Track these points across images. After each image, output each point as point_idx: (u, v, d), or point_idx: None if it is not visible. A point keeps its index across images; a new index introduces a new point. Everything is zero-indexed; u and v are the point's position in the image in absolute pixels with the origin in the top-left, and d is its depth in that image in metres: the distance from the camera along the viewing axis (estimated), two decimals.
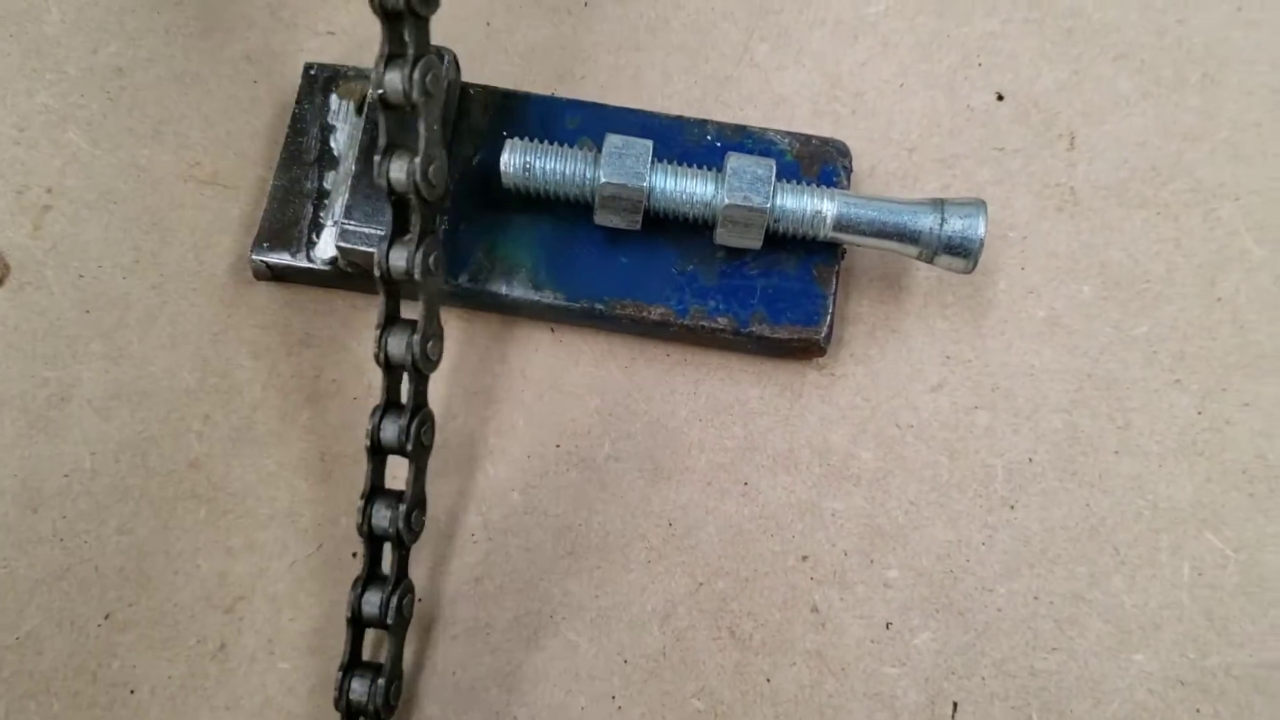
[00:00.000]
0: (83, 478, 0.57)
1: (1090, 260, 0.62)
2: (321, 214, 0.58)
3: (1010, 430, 0.59)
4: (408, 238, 0.51)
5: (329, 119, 0.60)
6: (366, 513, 0.52)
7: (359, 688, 0.52)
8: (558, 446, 0.59)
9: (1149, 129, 0.65)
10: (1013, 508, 0.58)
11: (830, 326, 0.58)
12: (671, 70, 0.65)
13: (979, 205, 0.56)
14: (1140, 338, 0.61)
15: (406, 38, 0.48)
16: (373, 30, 0.62)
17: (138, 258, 0.60)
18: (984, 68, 0.65)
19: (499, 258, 0.58)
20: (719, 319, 0.58)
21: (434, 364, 0.53)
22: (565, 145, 0.57)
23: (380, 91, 0.49)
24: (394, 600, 0.52)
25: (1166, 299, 0.61)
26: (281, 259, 0.58)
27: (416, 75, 0.48)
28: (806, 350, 0.59)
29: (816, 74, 0.65)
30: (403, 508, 0.52)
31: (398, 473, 0.53)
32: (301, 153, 0.59)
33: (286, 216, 0.58)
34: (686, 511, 0.58)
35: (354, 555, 0.57)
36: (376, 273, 0.52)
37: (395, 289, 0.52)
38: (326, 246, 0.58)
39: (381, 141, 0.50)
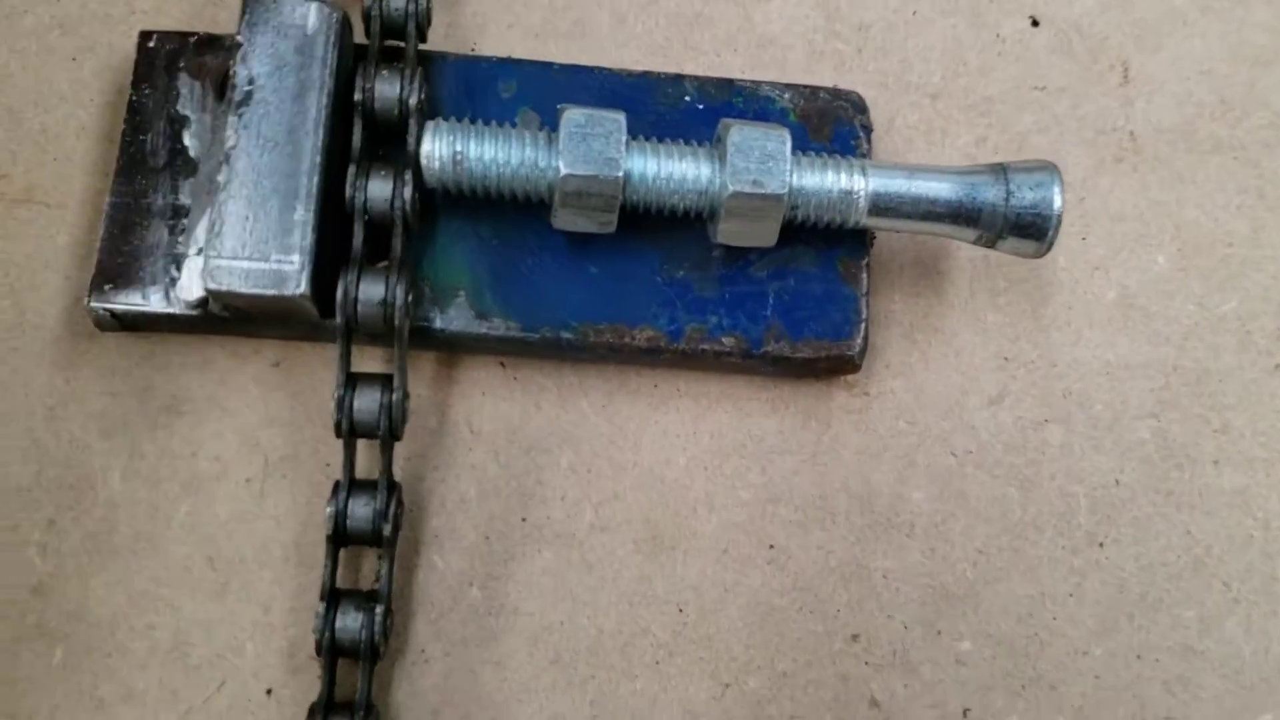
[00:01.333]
0: None
1: (1162, 222, 0.50)
2: (180, 238, 0.43)
3: (1090, 446, 0.47)
4: (382, 265, 0.41)
5: (178, 107, 0.44)
6: (329, 619, 0.39)
7: None
8: (524, 520, 0.45)
9: (1213, 53, 0.52)
10: (1102, 544, 0.46)
11: (865, 336, 0.45)
12: (624, 8, 0.50)
13: (1050, 171, 0.43)
14: (1229, 315, 0.49)
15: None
16: None
17: None
18: None
19: (427, 278, 0.44)
20: (724, 339, 0.44)
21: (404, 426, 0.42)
22: (504, 124, 0.43)
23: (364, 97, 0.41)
24: None
25: (1255, 264, 0.50)
26: (130, 303, 0.42)
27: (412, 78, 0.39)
28: (836, 368, 0.46)
29: (808, 4, 0.51)
30: (377, 611, 0.40)
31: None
32: (145, 156, 0.44)
33: (133, 245, 0.43)
34: (700, 591, 0.45)
35: (268, 693, 0.43)
36: (340, 318, 0.40)
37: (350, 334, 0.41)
38: (191, 283, 0.42)
39: (356, 150, 0.41)
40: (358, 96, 0.42)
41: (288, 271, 0.40)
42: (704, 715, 0.44)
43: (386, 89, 0.42)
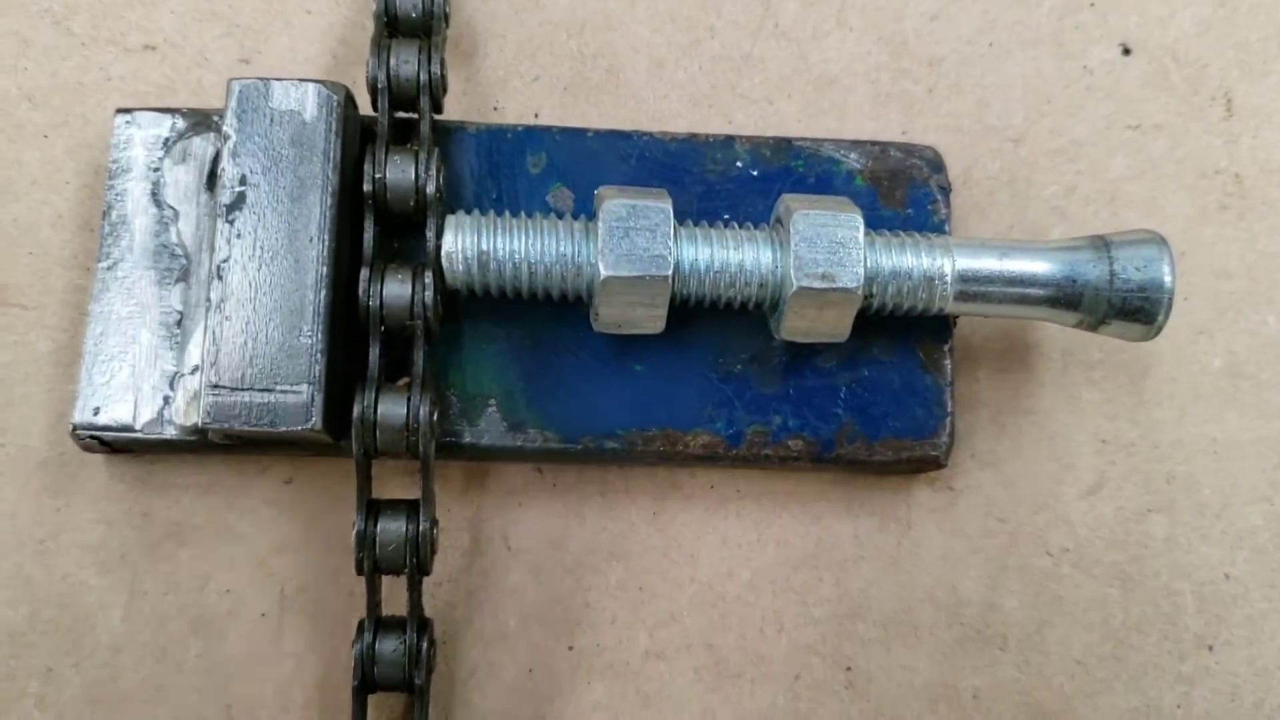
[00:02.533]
0: None
1: (1273, 277, 0.44)
2: (174, 353, 0.38)
3: (1197, 537, 0.42)
4: (402, 383, 0.36)
5: (164, 197, 0.39)
6: None
7: None
8: (571, 649, 0.40)
9: None
10: (1211, 648, 0.42)
11: (951, 432, 0.40)
12: (662, 51, 0.44)
13: (1159, 245, 0.38)
14: None
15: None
16: (215, 37, 0.41)
17: None
18: (1098, 9, 0.46)
19: (452, 388, 0.39)
20: (790, 442, 0.39)
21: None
22: (534, 215, 0.37)
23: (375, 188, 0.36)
24: None
25: None
26: (120, 428, 0.38)
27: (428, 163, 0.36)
28: (919, 468, 0.41)
29: (870, 38, 0.45)
30: None
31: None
32: (130, 255, 0.39)
33: (120, 360, 0.38)
34: None
35: None
36: (357, 446, 0.35)
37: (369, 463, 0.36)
38: (187, 406, 0.37)
39: (369, 252, 0.36)
40: (367, 187, 0.37)
41: (295, 404, 0.35)
42: None
43: (399, 176, 0.37)
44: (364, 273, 0.36)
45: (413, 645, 0.36)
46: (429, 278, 0.36)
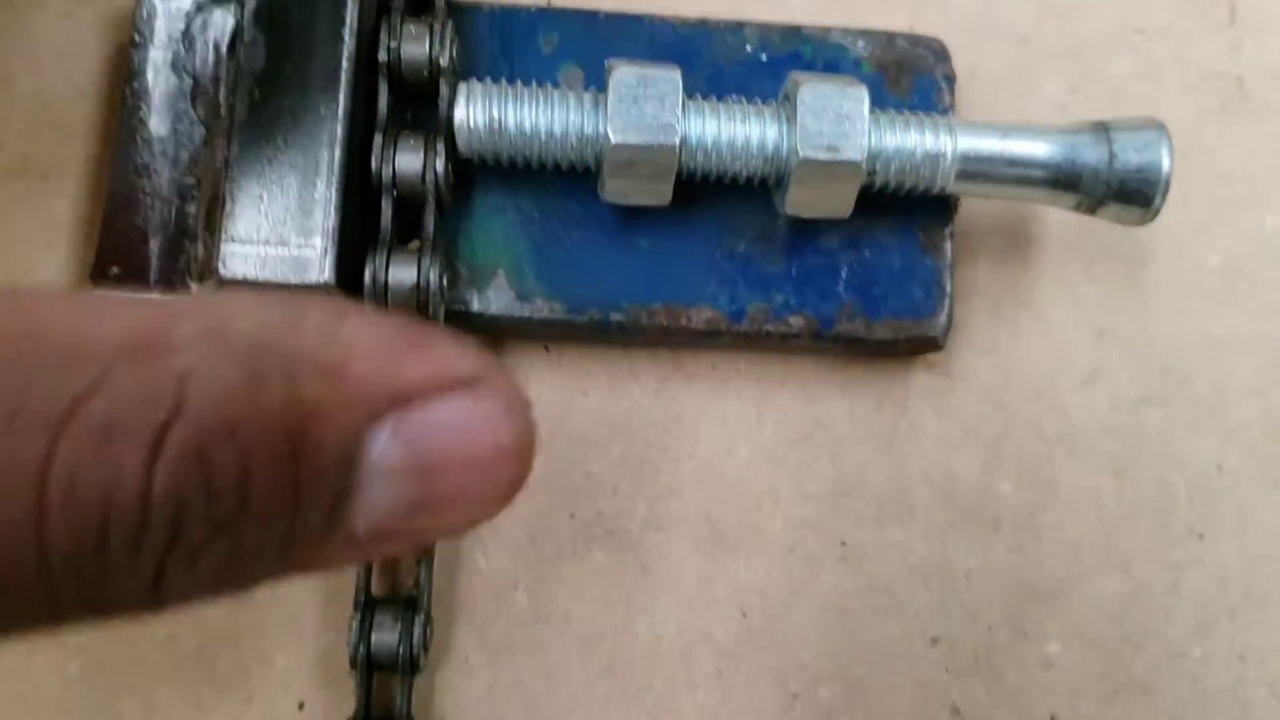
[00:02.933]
0: None
1: (1272, 179, 0.45)
2: (190, 219, 0.39)
3: (1190, 428, 0.43)
4: (413, 246, 0.38)
5: (185, 69, 0.40)
6: (364, 632, 0.38)
7: None
8: (572, 516, 0.41)
9: None
10: (1202, 537, 0.42)
11: (949, 313, 0.41)
12: None
13: (1158, 130, 0.38)
14: None
15: None
16: None
17: None
18: None
19: (461, 257, 0.40)
20: (791, 319, 0.40)
21: None
22: (545, 84, 0.38)
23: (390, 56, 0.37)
24: None
25: None
26: (136, 289, 0.39)
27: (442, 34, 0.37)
28: (917, 349, 0.41)
29: None
30: (416, 621, 0.38)
31: None
32: (149, 125, 0.39)
33: (138, 226, 0.39)
34: (766, 594, 0.41)
35: (300, 707, 0.40)
36: (369, 306, 0.36)
37: None
38: (204, 268, 0.38)
39: (383, 118, 0.37)
40: (383, 56, 0.38)
41: (309, 257, 0.36)
42: None
43: (414, 47, 0.38)
44: (378, 138, 0.37)
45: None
46: (441, 145, 0.37)
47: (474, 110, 0.37)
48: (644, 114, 0.36)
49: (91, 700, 0.39)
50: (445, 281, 0.37)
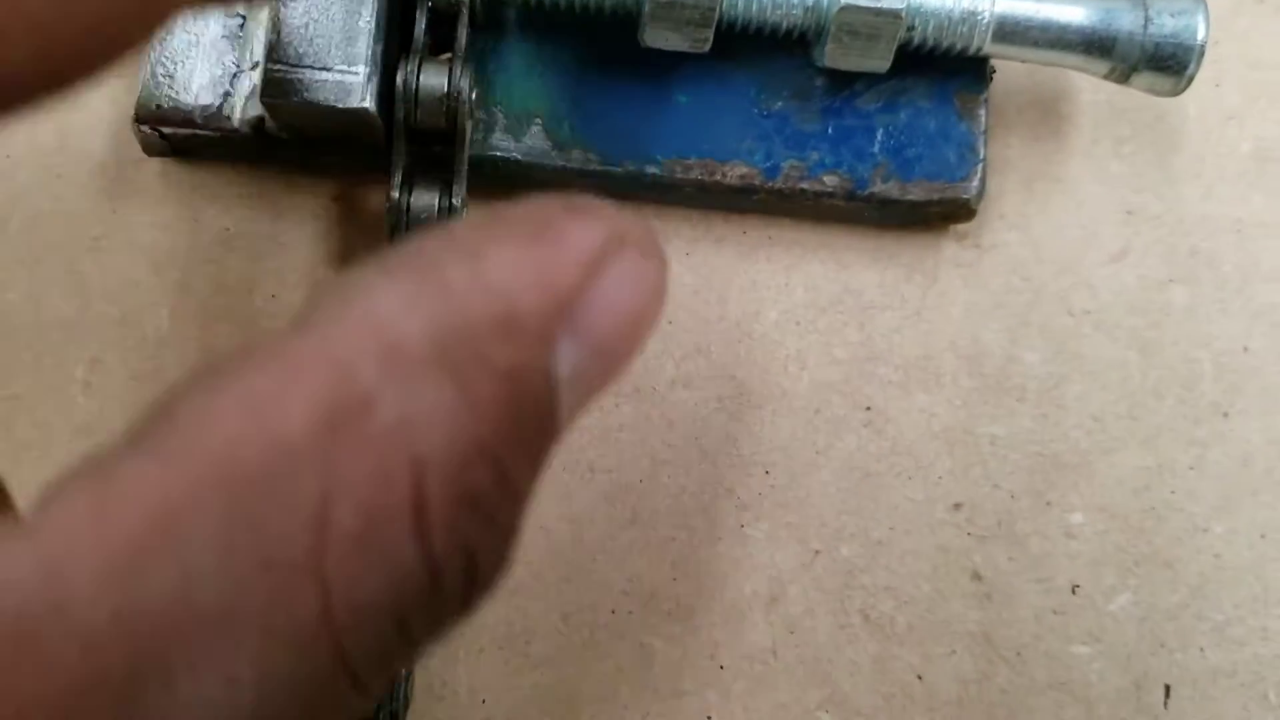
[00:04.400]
0: None
1: None
2: (235, 52, 0.39)
3: (1217, 309, 0.43)
4: (445, 57, 0.37)
5: None
6: None
7: None
8: None
9: None
10: (1226, 415, 0.43)
11: (982, 179, 0.41)
12: None
13: None
14: None
15: None
16: None
17: None
18: None
19: (499, 104, 0.40)
20: (825, 178, 0.40)
21: None
22: None
23: None
24: None
25: None
26: (180, 122, 0.39)
27: None
28: (948, 215, 0.42)
29: None
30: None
31: None
32: None
33: (184, 60, 0.39)
34: (789, 453, 0.41)
35: None
36: (400, 110, 0.36)
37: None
38: (247, 101, 0.39)
39: None
40: None
41: (351, 83, 0.36)
42: (792, 582, 0.40)
43: None
44: None
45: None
46: None
47: None
48: None
49: None
50: (474, 93, 0.37)
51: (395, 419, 0.17)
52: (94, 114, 0.41)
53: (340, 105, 0.36)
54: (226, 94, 0.39)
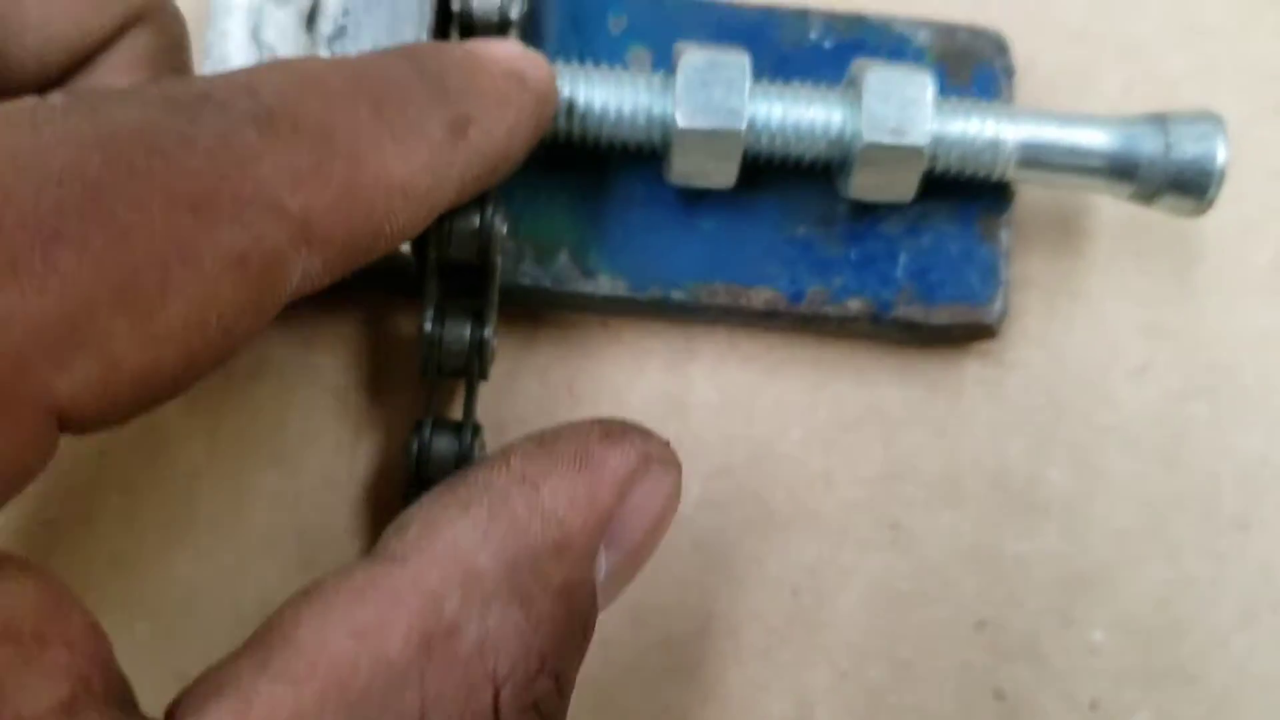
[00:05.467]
0: None
1: None
2: None
3: (1238, 423, 0.44)
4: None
5: (263, 36, 0.41)
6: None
7: None
8: None
9: None
10: (1246, 528, 0.43)
11: (1005, 301, 0.41)
12: None
13: (1214, 122, 0.39)
14: None
15: None
16: None
17: None
18: None
19: (528, 235, 0.40)
20: (849, 303, 0.41)
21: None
22: (614, 66, 0.39)
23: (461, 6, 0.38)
24: None
25: None
26: None
27: None
28: (972, 335, 0.42)
29: None
30: None
31: None
32: None
33: None
34: (816, 573, 0.42)
35: None
36: (433, 251, 0.37)
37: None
38: None
39: None
40: (456, 7, 0.38)
41: None
42: (820, 703, 0.41)
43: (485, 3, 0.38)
44: None
45: (468, 443, 0.38)
46: None
47: None
48: (712, 98, 0.37)
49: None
50: (505, 228, 0.37)
51: (476, 641, 0.20)
52: None
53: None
54: None
